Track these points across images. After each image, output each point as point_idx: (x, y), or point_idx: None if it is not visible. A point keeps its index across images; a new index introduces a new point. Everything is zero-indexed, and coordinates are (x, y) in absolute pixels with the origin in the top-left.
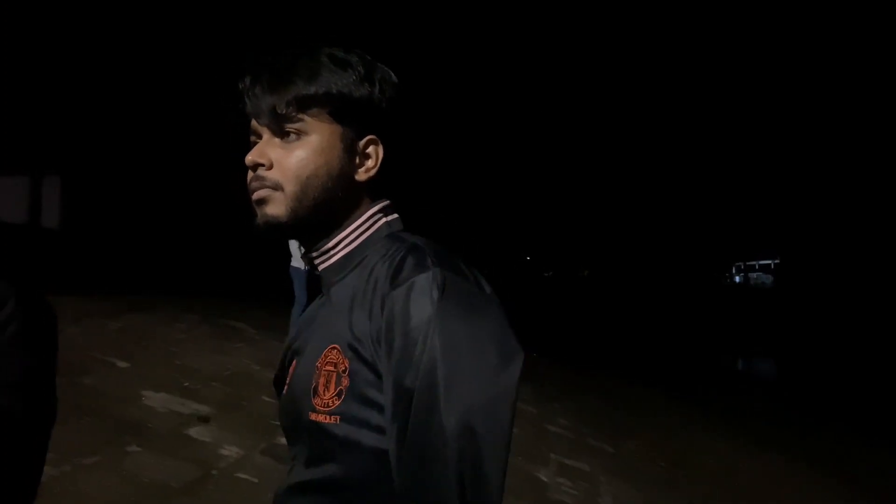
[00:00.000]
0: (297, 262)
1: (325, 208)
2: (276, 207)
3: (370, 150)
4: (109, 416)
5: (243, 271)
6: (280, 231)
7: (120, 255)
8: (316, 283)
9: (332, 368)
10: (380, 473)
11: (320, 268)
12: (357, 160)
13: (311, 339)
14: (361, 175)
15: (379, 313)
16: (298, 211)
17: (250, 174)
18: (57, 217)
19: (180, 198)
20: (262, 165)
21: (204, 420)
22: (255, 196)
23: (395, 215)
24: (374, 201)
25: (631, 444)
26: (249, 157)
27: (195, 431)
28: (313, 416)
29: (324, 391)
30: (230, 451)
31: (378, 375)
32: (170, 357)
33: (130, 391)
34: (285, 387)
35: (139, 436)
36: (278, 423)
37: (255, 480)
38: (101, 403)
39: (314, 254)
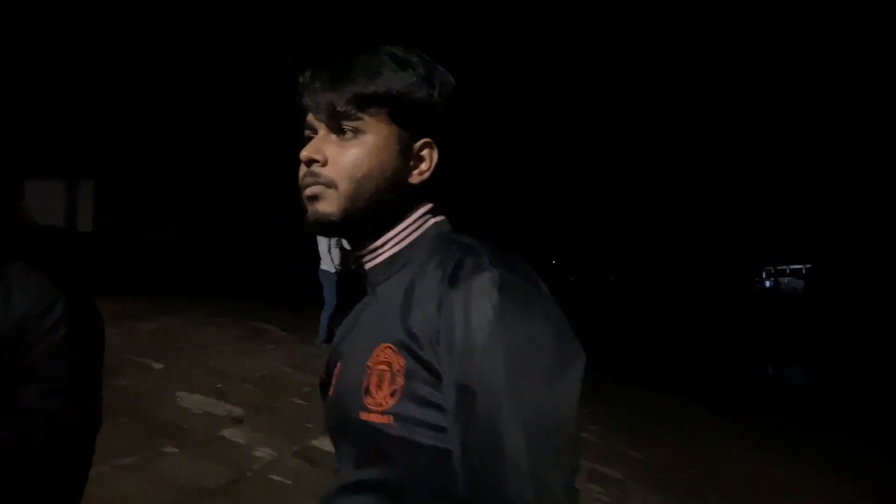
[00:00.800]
0: (326, 265)
1: (375, 208)
2: (328, 205)
3: (425, 152)
4: (145, 417)
5: (271, 274)
6: (329, 228)
7: (149, 257)
8: (356, 283)
9: (385, 367)
10: (436, 472)
11: (366, 266)
12: (411, 162)
13: (358, 339)
14: (414, 178)
15: (436, 314)
16: (350, 210)
17: (303, 169)
18: (90, 220)
19: (209, 201)
20: (317, 161)
21: (237, 422)
22: (308, 192)
23: (443, 216)
24: (423, 203)
25: (661, 451)
26: (305, 153)
27: (229, 433)
28: (365, 416)
29: (376, 390)
30: (263, 452)
31: (435, 375)
32: (202, 359)
33: (165, 392)
34: (331, 389)
35: (175, 437)
36: (310, 425)
37: (289, 482)
38: (137, 404)
39: (361, 252)
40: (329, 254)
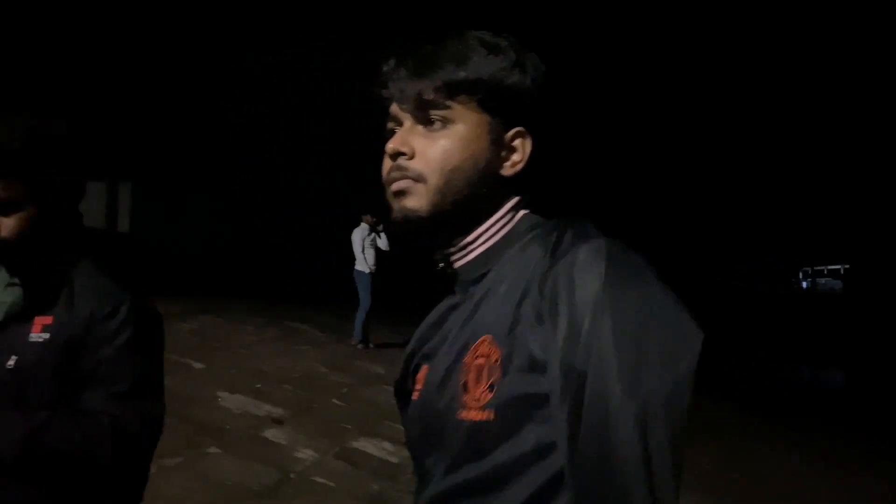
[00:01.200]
0: (360, 265)
1: (466, 203)
2: (417, 200)
3: (517, 142)
4: (189, 417)
5: (305, 274)
6: (418, 225)
7: (184, 258)
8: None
9: (482, 361)
10: (540, 466)
11: (456, 265)
12: (503, 153)
13: (448, 339)
14: (507, 170)
15: (537, 291)
16: (440, 205)
17: (388, 163)
18: (128, 221)
19: (243, 202)
20: (404, 154)
21: (278, 422)
22: (395, 187)
23: (530, 209)
24: (514, 196)
25: (703, 457)
26: (391, 145)
27: (270, 434)
28: (464, 415)
29: (475, 387)
30: (305, 454)
31: (536, 361)
32: (241, 359)
33: (207, 392)
34: (415, 394)
35: (218, 437)
36: (349, 426)
37: (332, 485)
38: (180, 405)
39: (451, 250)
40: (363, 254)
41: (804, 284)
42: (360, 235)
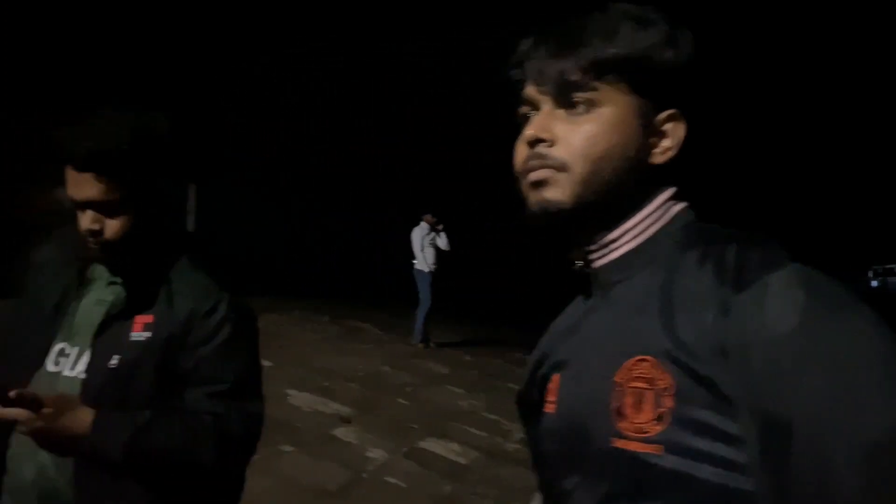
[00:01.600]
0: (420, 264)
1: (613, 195)
2: (559, 191)
3: (669, 126)
4: None
5: (364, 273)
6: (559, 219)
7: (247, 257)
8: (581, 282)
9: (644, 385)
10: None
11: (596, 264)
12: (653, 139)
13: (586, 349)
14: (657, 157)
15: (717, 321)
16: (584, 196)
17: (524, 151)
18: (193, 222)
19: (302, 203)
20: (544, 141)
21: (346, 421)
22: (533, 177)
23: (686, 204)
24: (664, 187)
25: None
26: (529, 131)
27: (340, 432)
28: (621, 444)
29: (634, 413)
30: (375, 453)
31: (720, 397)
32: (306, 357)
33: (276, 390)
34: (549, 406)
35: (291, 436)
36: (415, 426)
37: (404, 485)
38: None
39: (591, 247)
40: (423, 253)
41: (874, 283)
42: (419, 234)
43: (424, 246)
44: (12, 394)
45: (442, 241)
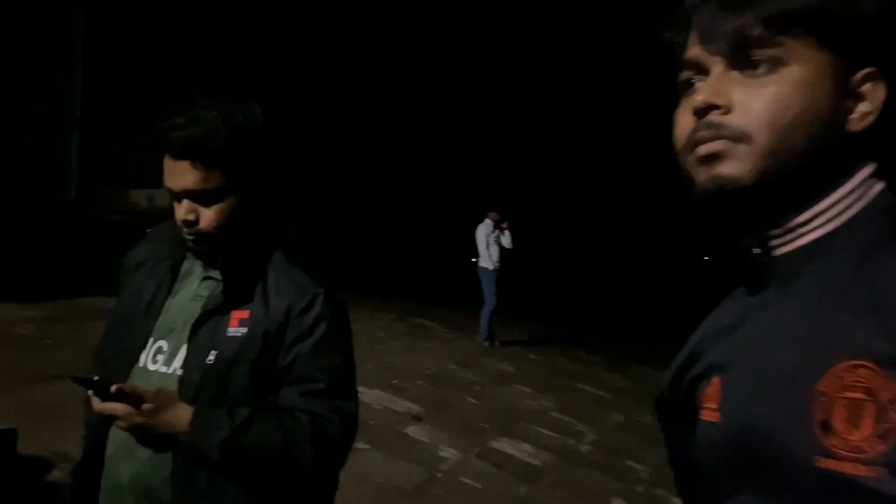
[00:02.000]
0: (484, 261)
1: (803, 170)
2: (738, 165)
3: (867, 88)
4: None
5: (425, 271)
6: (736, 198)
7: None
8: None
9: (861, 396)
10: None
11: (778, 251)
12: (849, 102)
13: (761, 349)
14: (854, 124)
15: None
16: (768, 172)
17: (690, 122)
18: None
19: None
20: (718, 108)
21: (417, 419)
22: (706, 149)
23: (884, 182)
24: (861, 160)
25: None
26: (700, 97)
27: (412, 430)
28: (829, 465)
29: (847, 429)
30: (448, 452)
31: None
32: (374, 354)
33: None
34: (707, 413)
35: (364, 433)
36: (486, 425)
37: (479, 486)
38: None
39: (774, 231)
40: (487, 250)
41: None
42: (484, 232)
43: (489, 244)
44: (113, 388)
45: (506, 240)
